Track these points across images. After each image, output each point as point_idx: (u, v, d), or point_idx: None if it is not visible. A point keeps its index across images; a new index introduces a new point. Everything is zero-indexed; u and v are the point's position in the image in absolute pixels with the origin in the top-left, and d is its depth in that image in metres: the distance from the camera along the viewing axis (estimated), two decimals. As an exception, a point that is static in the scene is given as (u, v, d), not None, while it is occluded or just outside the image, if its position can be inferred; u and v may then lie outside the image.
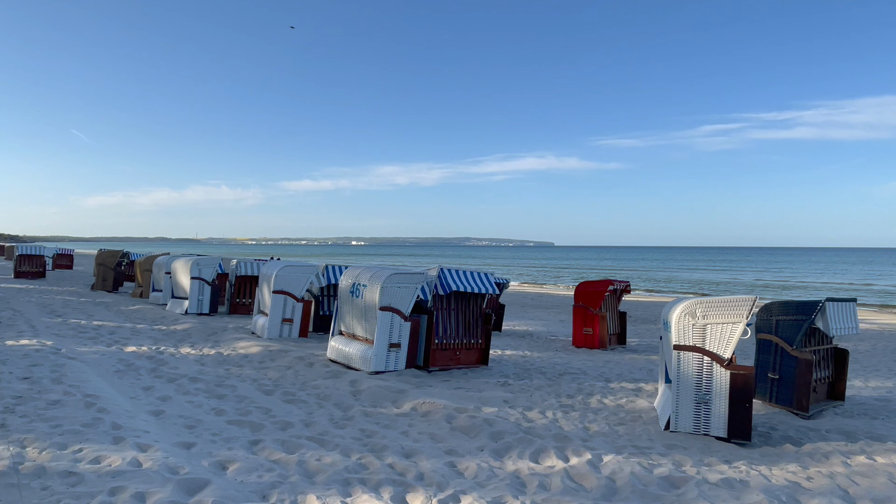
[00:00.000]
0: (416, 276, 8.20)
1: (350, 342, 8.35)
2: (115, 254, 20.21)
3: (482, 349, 9.22)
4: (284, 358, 8.39)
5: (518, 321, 17.40)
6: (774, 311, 7.62)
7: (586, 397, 7.43)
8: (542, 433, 5.42)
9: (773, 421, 6.68)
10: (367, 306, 8.12)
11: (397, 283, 8.03)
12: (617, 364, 10.59)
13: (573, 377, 8.84)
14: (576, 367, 10.01)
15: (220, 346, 9.49)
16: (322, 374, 7.50)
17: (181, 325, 11.74)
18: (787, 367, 7.35)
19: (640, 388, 8.21)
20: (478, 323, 9.21)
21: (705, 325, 5.94)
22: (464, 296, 9.09)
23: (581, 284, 12.74)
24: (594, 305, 12.38)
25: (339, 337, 8.65)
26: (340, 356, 8.35)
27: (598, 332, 12.32)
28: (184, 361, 7.94)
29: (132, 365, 7.35)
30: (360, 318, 8.28)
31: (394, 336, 8.05)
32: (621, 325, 13.12)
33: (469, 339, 9.03)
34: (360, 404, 6.12)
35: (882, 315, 23.75)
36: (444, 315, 8.85)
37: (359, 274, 8.44)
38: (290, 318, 10.70)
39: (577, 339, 12.62)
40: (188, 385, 6.47)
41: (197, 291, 14.10)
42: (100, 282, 19.84)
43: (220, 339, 10.17)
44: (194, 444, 4.46)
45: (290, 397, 6.24)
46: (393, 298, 8.02)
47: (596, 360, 10.99)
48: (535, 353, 11.32)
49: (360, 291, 8.23)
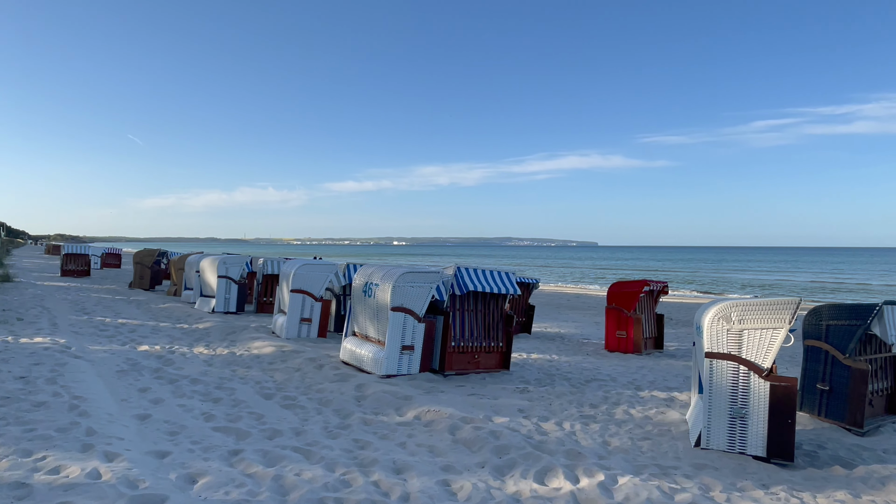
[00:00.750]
0: (430, 274, 7.78)
1: (362, 344, 8.01)
2: (152, 253, 20.57)
3: (503, 353, 8.73)
4: (295, 359, 8.11)
5: (550, 323, 16.78)
6: (825, 315, 6.86)
7: (611, 407, 6.85)
8: (554, 448, 4.91)
9: (822, 438, 5.97)
10: (378, 306, 7.76)
11: (410, 283, 7.63)
12: (651, 370, 9.91)
13: (600, 384, 8.24)
14: (605, 372, 9.40)
15: (235, 346, 9.31)
16: (330, 376, 7.17)
17: (204, 323, 11.67)
18: (839, 378, 6.60)
19: (672, 398, 7.56)
20: (498, 325, 8.72)
21: (741, 330, 5.31)
22: (483, 296, 8.62)
23: (614, 285, 12.07)
24: (628, 307, 11.69)
25: (352, 338, 8.32)
26: (352, 358, 8.02)
27: (633, 335, 11.62)
28: (192, 361, 7.76)
29: (137, 364, 7.19)
30: (372, 318, 7.93)
31: (406, 338, 7.66)
32: (658, 328, 12.37)
33: (489, 341, 8.55)
34: (361, 411, 5.75)
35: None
36: (461, 316, 8.40)
37: (371, 273, 8.08)
38: (309, 317, 10.45)
39: (610, 342, 11.95)
40: (187, 387, 6.23)
41: (224, 290, 14.07)
42: (137, 280, 20.23)
43: (237, 338, 10.01)
44: (169, 452, 4.16)
45: (289, 402, 5.92)
46: (405, 298, 7.62)
47: (628, 365, 10.33)
48: (562, 357, 10.74)
49: (373, 291, 7.87)
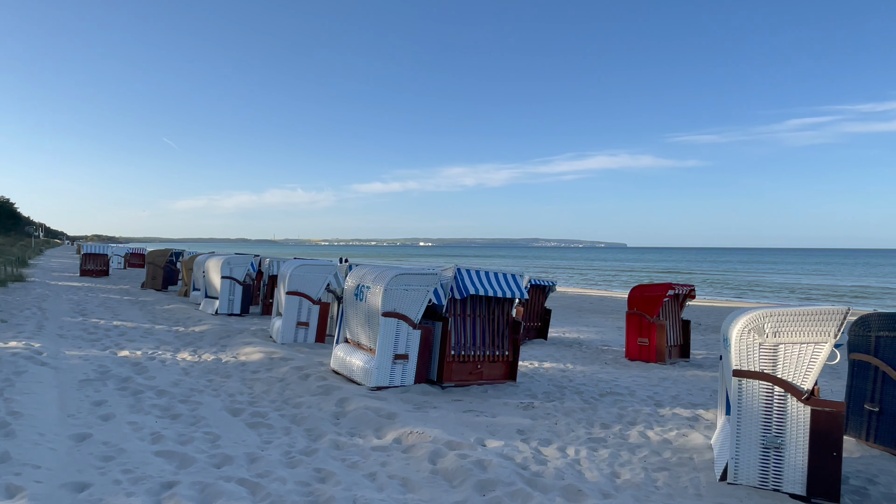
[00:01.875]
0: (427, 276, 7.09)
1: (353, 351, 7.36)
2: (165, 253, 20.34)
3: (509, 362, 7.98)
4: (282, 367, 7.50)
5: (570, 327, 15.92)
6: (874, 326, 5.96)
7: (625, 428, 6.06)
8: (551, 483, 4.16)
9: (872, 469, 5.09)
10: (370, 311, 7.10)
11: (404, 285, 6.95)
12: (674, 382, 9.03)
13: (616, 399, 7.43)
14: (623, 385, 8.57)
15: (223, 352, 8.76)
16: (312, 388, 6.53)
17: (202, 326, 11.19)
18: (891, 397, 5.70)
19: (697, 417, 6.72)
20: (504, 332, 7.98)
21: (777, 344, 4.49)
22: (487, 300, 7.89)
23: (636, 288, 11.20)
24: (651, 312, 10.81)
25: (343, 345, 7.68)
26: (342, 367, 7.38)
27: (656, 342, 10.74)
28: (169, 369, 7.20)
29: (107, 373, 6.66)
30: (364, 324, 7.27)
31: (400, 346, 6.98)
32: (684, 335, 11.45)
33: (493, 350, 7.82)
34: (335, 431, 5.08)
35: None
36: (461, 322, 7.69)
37: (364, 274, 7.43)
38: (306, 321, 9.86)
39: (631, 350, 11.09)
40: (149, 400, 5.65)
41: (228, 291, 13.62)
42: (149, 280, 20.01)
43: (229, 343, 9.47)
44: (90, 485, 3.55)
45: (257, 419, 5.29)
46: (399, 302, 6.94)
47: (650, 376, 9.47)
48: (577, 367, 9.92)
49: (364, 294, 7.21)
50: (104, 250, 25.98)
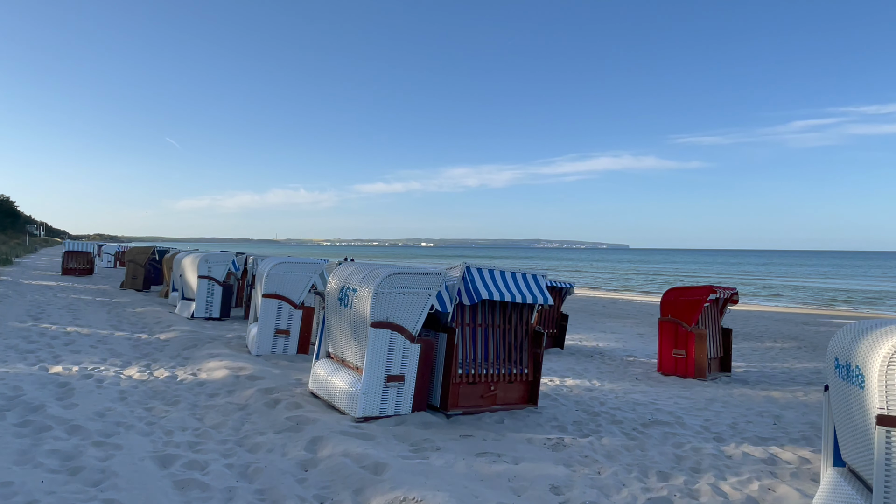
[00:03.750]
0: (428, 277, 5.60)
1: (337, 370, 5.87)
2: (147, 250, 18.88)
3: (529, 382, 6.49)
4: (247, 389, 6.01)
5: (586, 334, 14.41)
6: None
7: (691, 478, 4.56)
8: None
9: None
10: (356, 320, 5.61)
11: (399, 288, 5.46)
12: (725, 405, 7.53)
13: (665, 432, 5.92)
14: (665, 409, 7.07)
15: (183, 367, 7.28)
16: (280, 421, 5.03)
17: (168, 332, 9.71)
18: None
19: (773, 458, 5.22)
20: (522, 345, 6.49)
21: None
22: (503, 306, 6.41)
23: (670, 292, 9.70)
24: (689, 320, 9.30)
25: (324, 362, 6.19)
26: (322, 389, 5.89)
27: (695, 355, 9.23)
28: (101, 393, 5.71)
29: (17, 398, 5.16)
30: (349, 336, 5.78)
31: (394, 364, 5.49)
32: (725, 345, 9.94)
33: (510, 367, 6.33)
34: (298, 496, 3.58)
35: None
36: (471, 334, 6.19)
37: (350, 274, 5.93)
38: (286, 329, 8.37)
39: (665, 363, 9.58)
40: (52, 442, 4.17)
41: (205, 292, 12.15)
42: (129, 280, 18.55)
43: (193, 354, 7.99)
44: None
45: (192, 475, 3.79)
46: (392, 309, 5.45)
47: (694, 396, 7.96)
48: (605, 384, 8.42)
49: (349, 299, 5.72)
50: (87, 248, 24.51)
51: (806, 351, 12.82)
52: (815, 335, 15.54)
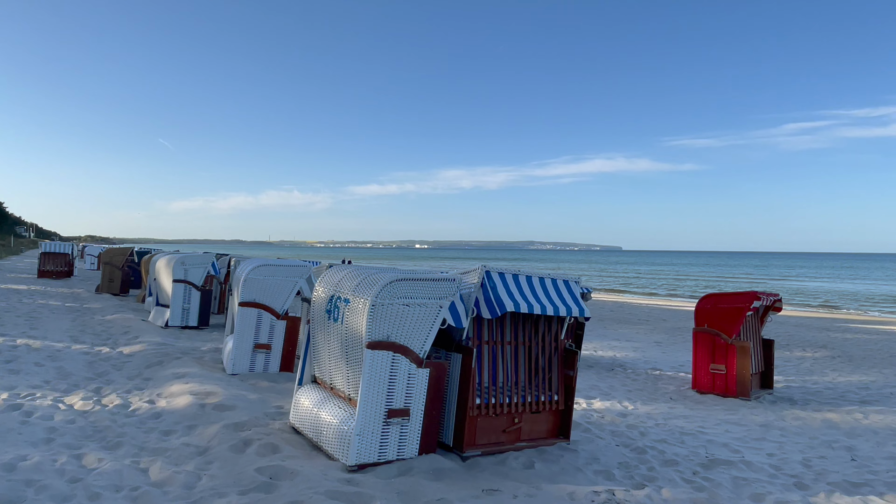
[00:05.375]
0: (439, 284, 4.42)
1: (325, 400, 4.69)
2: (125, 251, 17.60)
3: (560, 412, 5.32)
4: (212, 425, 4.81)
5: (598, 342, 13.27)
6: None
7: (796, 555, 3.40)
8: None
9: None
10: (349, 338, 4.43)
11: (403, 298, 4.28)
12: (783, 433, 6.40)
13: (733, 475, 4.77)
14: (719, 440, 5.92)
15: (140, 390, 6.06)
16: (247, 475, 3.83)
17: (134, 345, 8.49)
18: None
19: (882, 515, 4.07)
20: (552, 367, 5.33)
21: None
22: (528, 320, 5.25)
23: (708, 298, 8.55)
24: (729, 331, 8.16)
25: (309, 389, 4.99)
26: (307, 425, 4.70)
27: (736, 370, 8.09)
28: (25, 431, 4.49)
29: None
30: (340, 358, 4.60)
31: (396, 395, 4.31)
32: (766, 359, 8.81)
33: (537, 394, 5.16)
34: None
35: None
36: (492, 354, 5.03)
37: (340, 280, 4.74)
38: (267, 343, 7.17)
39: (701, 379, 8.44)
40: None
41: (181, 298, 10.92)
42: (105, 283, 17.26)
43: (157, 374, 6.77)
44: None
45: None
46: (394, 325, 4.28)
47: (744, 422, 6.82)
48: (639, 407, 7.27)
49: (340, 312, 4.54)
50: (65, 249, 23.15)
51: (842, 362, 11.72)
52: (844, 343, 14.46)
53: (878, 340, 15.16)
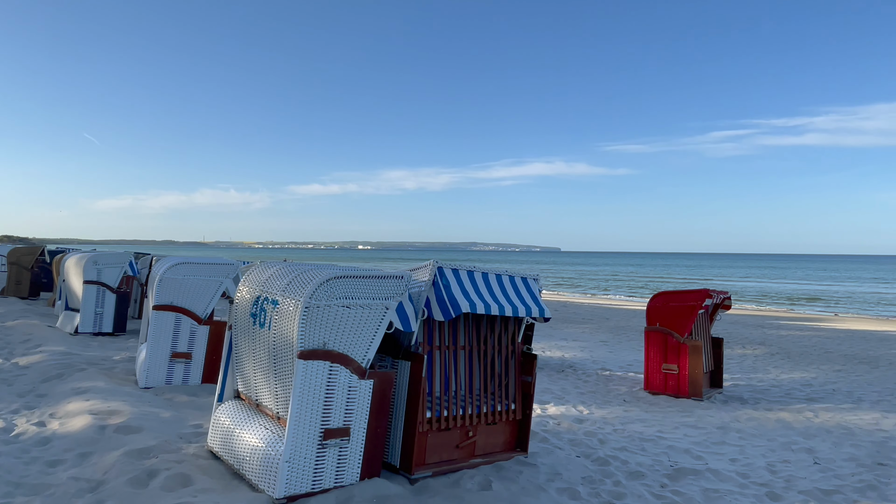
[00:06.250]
0: (384, 282, 3.84)
1: (250, 418, 4.00)
2: (34, 250, 15.96)
3: (517, 422, 4.85)
4: (111, 452, 4.03)
5: (546, 342, 13.00)
6: None
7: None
8: None
9: None
10: (277, 347, 3.77)
11: (342, 299, 3.67)
12: (741, 435, 6.18)
13: (702, 486, 4.43)
14: (680, 445, 5.62)
15: (28, 412, 5.15)
16: (147, 517, 3.11)
17: (32, 356, 7.43)
18: None
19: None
20: (509, 373, 4.84)
21: None
22: (484, 322, 4.74)
23: (659, 296, 8.34)
24: (681, 329, 7.96)
25: (232, 406, 4.29)
26: (227, 448, 4.00)
27: (689, 370, 7.89)
28: None
29: None
30: (266, 369, 3.93)
31: (333, 412, 3.69)
32: (716, 358, 8.69)
33: (493, 404, 4.66)
34: None
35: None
36: (444, 360, 4.49)
37: (268, 279, 4.08)
38: (187, 351, 6.35)
39: (653, 380, 8.21)
40: None
41: (94, 301, 9.79)
42: (12, 286, 15.57)
43: (53, 389, 5.84)
44: None
45: None
46: (332, 331, 3.66)
47: (700, 424, 6.58)
48: (594, 410, 6.92)
49: (267, 316, 3.87)
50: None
51: (781, 359, 11.91)
52: (781, 340, 14.83)
53: (810, 337, 15.66)
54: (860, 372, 10.59)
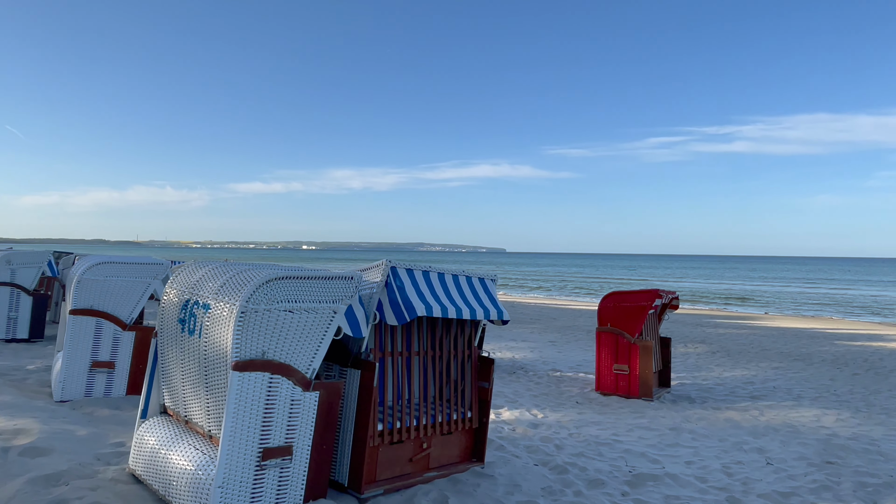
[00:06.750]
0: (332, 283, 3.49)
1: (178, 437, 3.56)
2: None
3: (473, 430, 4.59)
4: (13, 481, 3.50)
5: (495, 343, 12.86)
6: None
7: None
8: None
9: None
10: (209, 357, 3.36)
11: (285, 302, 3.30)
12: (693, 436, 6.16)
13: (664, 493, 4.31)
14: (636, 449, 5.52)
15: (-84, 432, 4.48)
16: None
17: (-71, 367, 6.59)
18: None
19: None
20: (465, 378, 4.58)
21: None
22: (442, 324, 4.46)
23: (610, 297, 8.29)
24: (632, 330, 7.94)
25: (158, 422, 3.83)
26: (153, 471, 3.55)
27: (639, 370, 7.88)
28: None
29: None
30: (197, 381, 3.51)
31: (274, 429, 3.31)
32: (664, 357, 8.74)
33: (448, 412, 4.39)
34: None
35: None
36: (397, 367, 4.18)
37: (199, 280, 3.65)
38: (109, 360, 5.75)
39: (604, 380, 8.15)
40: None
41: (7, 305, 8.89)
42: (-89, 288, 14.08)
43: (-52, 406, 5.13)
44: None
45: None
46: (273, 338, 3.28)
47: (654, 425, 6.52)
48: (548, 414, 6.77)
49: (198, 321, 3.45)
50: None
51: (722, 357, 12.21)
52: (719, 338, 15.27)
53: (747, 335, 16.21)
54: (796, 369, 10.96)
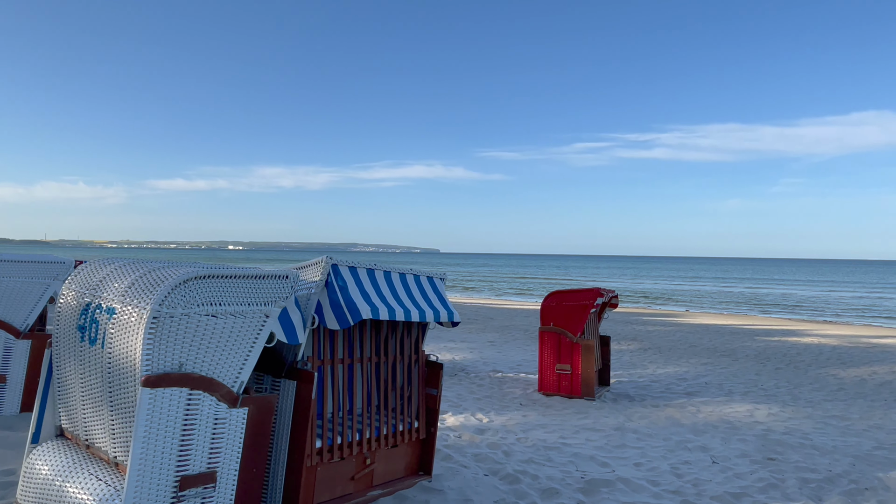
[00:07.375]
0: (264, 283, 3.06)
1: (78, 465, 3.02)
2: None
3: (420, 442, 4.25)
4: None
5: (434, 344, 12.57)
6: None
7: None
8: None
9: None
10: (114, 370, 2.85)
11: (208, 305, 2.85)
12: (638, 435, 6.10)
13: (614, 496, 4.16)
14: (585, 453, 5.37)
15: None
16: None
17: None
18: None
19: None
20: (411, 386, 4.24)
21: None
22: (386, 327, 4.09)
23: (553, 296, 8.18)
24: (574, 329, 7.85)
25: (53, 447, 3.25)
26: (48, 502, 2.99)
27: (581, 370, 7.80)
28: None
29: None
30: (99, 399, 2.98)
31: (194, 454, 2.84)
32: (604, 356, 8.74)
33: (394, 423, 4.03)
34: None
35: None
36: (337, 376, 3.77)
37: (103, 280, 3.12)
38: (0, 373, 4.99)
39: (547, 380, 8.02)
40: None
41: None
42: None
43: None
44: None
45: None
46: (192, 347, 2.82)
47: (599, 426, 6.42)
48: (493, 418, 6.53)
49: (101, 328, 2.93)
50: None
51: (654, 354, 12.48)
52: (649, 335, 15.68)
53: (674, 332, 16.76)
54: (724, 364, 11.33)
